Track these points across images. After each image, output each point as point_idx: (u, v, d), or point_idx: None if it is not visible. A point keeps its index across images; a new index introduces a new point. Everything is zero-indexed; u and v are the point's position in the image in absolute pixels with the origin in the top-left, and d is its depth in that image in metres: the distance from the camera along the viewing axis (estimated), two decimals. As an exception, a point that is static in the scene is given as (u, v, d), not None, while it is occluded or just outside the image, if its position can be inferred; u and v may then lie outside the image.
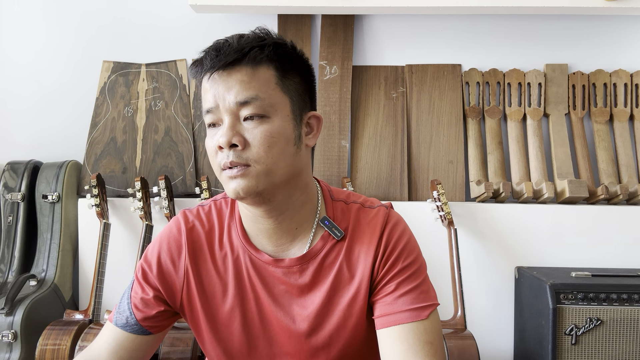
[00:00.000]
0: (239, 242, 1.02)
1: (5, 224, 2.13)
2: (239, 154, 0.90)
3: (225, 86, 0.91)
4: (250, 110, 0.90)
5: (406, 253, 1.00)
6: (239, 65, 0.91)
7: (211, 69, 0.91)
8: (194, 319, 1.05)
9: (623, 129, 2.24)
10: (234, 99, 0.90)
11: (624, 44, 2.31)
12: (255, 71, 0.91)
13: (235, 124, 0.91)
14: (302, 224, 1.01)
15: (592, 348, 1.79)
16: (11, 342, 1.84)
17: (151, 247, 1.07)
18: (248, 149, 0.90)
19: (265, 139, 0.90)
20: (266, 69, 0.92)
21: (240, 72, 0.91)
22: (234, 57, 0.90)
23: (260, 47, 0.92)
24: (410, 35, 2.33)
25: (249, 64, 0.91)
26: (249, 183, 0.91)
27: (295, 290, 1.00)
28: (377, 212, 1.03)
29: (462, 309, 1.87)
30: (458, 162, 2.23)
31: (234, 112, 0.91)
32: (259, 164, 0.91)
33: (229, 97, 0.90)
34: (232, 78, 0.90)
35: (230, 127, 0.90)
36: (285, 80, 0.94)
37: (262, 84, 0.91)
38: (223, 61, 0.90)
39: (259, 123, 0.91)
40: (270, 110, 0.91)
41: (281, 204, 0.97)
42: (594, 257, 2.08)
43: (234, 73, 0.91)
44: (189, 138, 2.23)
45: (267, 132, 0.91)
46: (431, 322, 0.96)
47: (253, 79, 0.91)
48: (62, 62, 2.35)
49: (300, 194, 0.99)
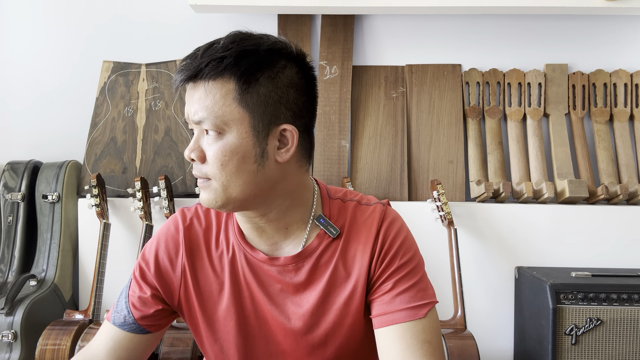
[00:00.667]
0: (235, 240, 1.02)
1: (5, 224, 2.13)
2: (199, 168, 0.92)
3: (190, 100, 0.92)
4: (206, 126, 0.90)
5: (403, 251, 0.99)
6: (199, 80, 0.90)
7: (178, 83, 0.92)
8: (191, 318, 1.05)
9: (623, 129, 2.24)
10: (192, 116, 0.92)
11: (624, 44, 2.30)
12: (211, 87, 0.89)
13: (199, 138, 0.92)
14: (291, 225, 1.00)
15: (592, 348, 1.78)
16: (11, 342, 1.84)
17: (149, 246, 1.07)
18: (206, 163, 0.92)
19: (218, 156, 0.90)
20: (225, 82, 0.89)
21: (199, 88, 0.91)
22: (191, 73, 0.90)
23: (219, 59, 0.88)
24: (410, 35, 2.33)
25: (206, 79, 0.90)
26: (209, 196, 0.92)
27: (290, 288, 1.00)
28: (374, 210, 1.03)
29: (462, 309, 1.87)
30: (458, 162, 2.23)
31: (197, 126, 0.92)
32: (215, 179, 0.91)
33: (191, 112, 0.92)
34: (195, 94, 0.91)
35: (194, 141, 0.92)
36: (246, 93, 0.89)
37: (217, 100, 0.89)
38: (184, 75, 0.90)
39: (214, 139, 0.90)
40: (224, 127, 0.89)
41: (260, 209, 0.96)
42: (594, 257, 2.08)
43: (196, 88, 0.91)
44: (189, 138, 2.23)
45: (219, 149, 0.90)
46: (429, 321, 0.95)
47: (207, 96, 0.89)
48: (62, 62, 2.35)
49: (283, 201, 0.97)
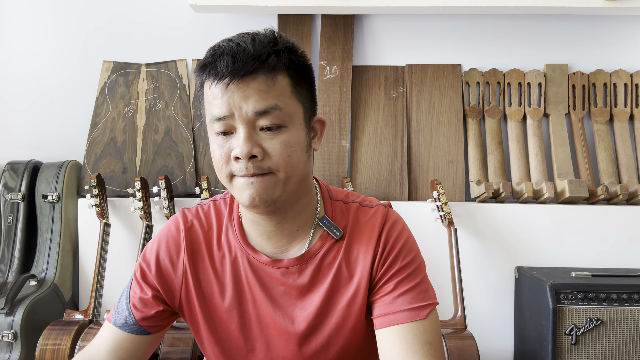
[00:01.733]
0: (237, 243, 1.02)
1: (5, 224, 2.13)
2: (259, 165, 0.89)
3: (242, 95, 0.87)
4: (269, 120, 0.88)
5: (405, 252, 1.00)
6: (257, 74, 0.87)
7: (227, 77, 0.87)
8: (192, 319, 1.05)
9: (623, 129, 2.24)
10: (252, 109, 0.87)
11: (624, 44, 2.30)
12: (273, 80, 0.88)
13: (252, 134, 0.88)
14: (302, 226, 1.01)
15: (592, 348, 1.78)
16: (11, 342, 1.84)
17: (150, 246, 1.06)
18: (267, 158, 0.89)
19: (285, 148, 0.89)
20: (282, 77, 0.89)
21: (257, 80, 0.87)
22: (252, 66, 0.86)
23: (276, 53, 0.88)
24: (410, 35, 2.33)
25: (266, 72, 0.87)
26: (268, 191, 0.90)
27: (294, 290, 1.00)
28: (376, 211, 1.03)
29: (462, 309, 1.87)
30: (458, 162, 2.23)
31: (251, 121, 0.88)
32: (280, 172, 0.89)
33: (247, 106, 0.87)
34: (249, 87, 0.87)
35: (248, 138, 0.87)
36: (298, 88, 0.92)
37: (280, 93, 0.89)
38: (242, 70, 0.86)
39: (277, 133, 0.89)
40: (287, 119, 0.89)
41: (287, 209, 0.96)
42: (593, 257, 2.08)
43: (251, 81, 0.87)
44: (189, 138, 2.23)
45: (286, 142, 0.89)
46: (430, 322, 0.95)
47: (271, 88, 0.88)
48: (62, 62, 2.35)
49: (304, 197, 0.99)
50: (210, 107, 0.90)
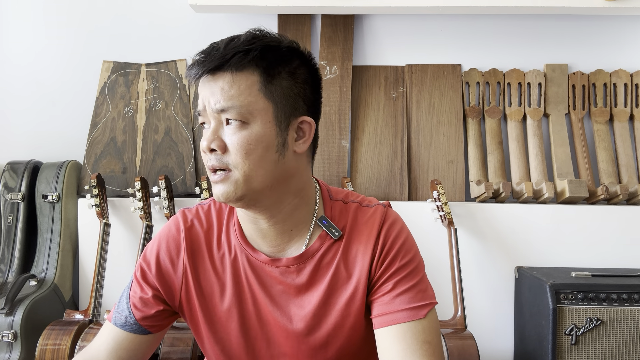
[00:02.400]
0: (237, 242, 1.02)
1: (5, 224, 2.13)
2: (219, 158, 0.92)
3: (210, 91, 0.92)
4: (229, 115, 0.91)
5: (403, 252, 1.00)
6: (222, 71, 0.91)
7: (199, 74, 0.92)
8: (192, 319, 1.05)
9: (623, 129, 2.24)
10: (213, 105, 0.91)
11: (624, 44, 2.30)
12: (236, 77, 0.91)
13: (217, 129, 0.92)
14: (297, 226, 1.01)
15: (592, 348, 1.78)
16: (11, 342, 1.84)
17: (150, 246, 1.07)
18: (227, 153, 0.92)
19: (242, 145, 0.91)
20: (250, 74, 0.91)
21: (223, 78, 0.91)
22: (216, 64, 0.91)
23: (245, 52, 0.91)
24: (410, 35, 2.33)
25: (231, 70, 0.91)
26: (228, 189, 0.92)
27: (292, 290, 1.00)
28: (375, 211, 1.03)
29: (462, 309, 1.87)
30: (458, 162, 2.23)
31: (217, 116, 0.92)
32: (237, 169, 0.91)
33: (211, 102, 0.92)
34: (215, 83, 0.91)
35: (212, 132, 0.92)
36: (270, 85, 0.92)
37: (242, 90, 0.91)
38: (207, 67, 0.91)
39: (237, 129, 0.91)
40: (249, 117, 0.91)
41: (271, 208, 0.96)
42: (593, 257, 2.08)
43: (218, 79, 0.91)
44: (189, 138, 2.23)
45: (244, 138, 0.91)
46: (429, 321, 0.96)
47: (233, 86, 0.91)
48: (62, 62, 2.35)
49: (293, 198, 0.99)
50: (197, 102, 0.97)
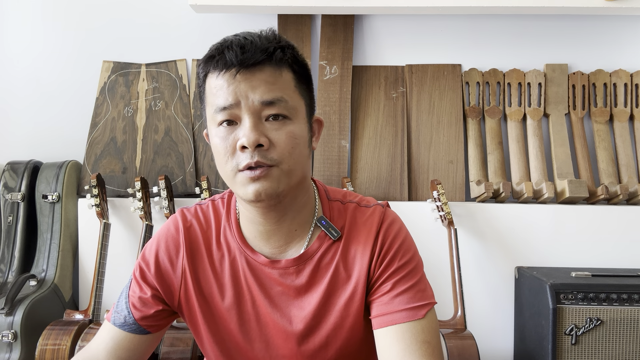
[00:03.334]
0: (236, 243, 1.02)
1: (5, 224, 2.13)
2: (264, 154, 0.89)
3: (249, 85, 0.89)
4: (274, 110, 0.90)
5: (402, 252, 1.00)
6: (264, 66, 0.90)
7: (235, 66, 0.89)
8: (192, 319, 1.05)
9: (623, 129, 2.24)
10: (259, 98, 0.89)
11: (624, 44, 2.30)
12: (279, 73, 0.91)
13: (258, 124, 0.90)
14: (301, 226, 1.01)
15: (592, 348, 1.78)
16: (11, 342, 1.84)
17: (149, 246, 1.06)
18: (273, 149, 0.90)
19: (290, 139, 0.91)
20: (287, 72, 0.93)
21: (264, 72, 0.90)
22: (261, 57, 0.89)
23: (281, 49, 0.92)
24: (410, 35, 2.33)
25: (273, 65, 0.90)
26: (272, 184, 0.90)
27: (291, 291, 1.00)
28: (373, 211, 1.03)
29: (462, 309, 1.87)
30: (458, 162, 2.23)
31: (257, 111, 0.89)
32: (282, 164, 0.90)
33: (254, 96, 0.89)
34: (256, 77, 0.89)
35: (254, 127, 0.89)
36: (300, 84, 0.95)
37: (285, 86, 0.91)
38: (251, 60, 0.89)
39: (282, 124, 0.91)
40: (292, 112, 0.92)
41: (287, 206, 0.97)
42: (594, 257, 2.08)
43: (258, 73, 0.89)
44: (189, 138, 2.23)
45: (290, 133, 0.91)
46: (428, 321, 0.95)
47: (278, 80, 0.91)
48: (62, 62, 2.35)
49: (303, 196, 1.00)
50: (214, 98, 0.91)
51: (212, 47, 0.93)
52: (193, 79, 2.30)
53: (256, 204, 0.93)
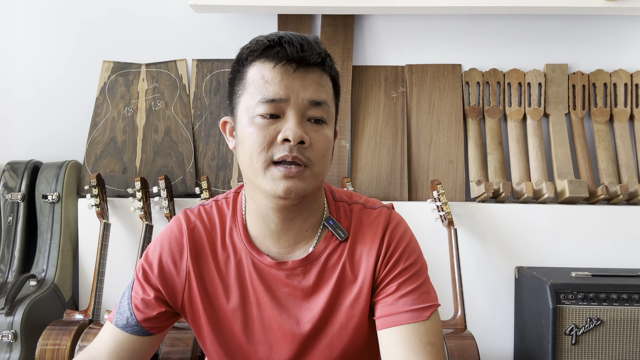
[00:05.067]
0: (242, 245, 1.02)
1: (5, 224, 2.13)
2: (303, 152, 0.90)
3: (302, 82, 0.91)
4: (319, 112, 0.92)
5: (407, 254, 1.00)
6: (317, 68, 0.93)
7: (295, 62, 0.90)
8: (195, 320, 1.04)
9: (623, 129, 2.25)
10: (309, 97, 0.91)
11: (624, 44, 2.31)
12: (326, 78, 0.95)
13: (302, 122, 0.91)
14: (312, 226, 1.01)
15: (592, 348, 1.79)
16: (11, 342, 1.84)
17: (152, 247, 1.06)
18: (310, 149, 0.92)
19: (325, 143, 0.94)
20: (329, 79, 0.96)
21: (316, 73, 0.93)
22: (317, 59, 0.92)
23: (328, 56, 0.95)
24: (410, 35, 2.33)
25: (322, 69, 0.94)
26: (303, 184, 0.91)
27: (298, 292, 1.00)
28: (379, 213, 1.03)
29: (462, 309, 1.87)
30: (458, 162, 2.23)
31: (304, 109, 0.91)
32: (315, 166, 0.92)
33: (305, 94, 0.91)
34: (309, 77, 0.92)
35: (298, 123, 0.90)
36: (335, 93, 0.99)
37: (328, 91, 0.95)
38: (310, 59, 0.91)
39: (321, 127, 0.93)
40: (329, 117, 0.95)
41: (303, 207, 0.98)
42: (594, 257, 2.09)
43: (312, 73, 0.92)
44: (189, 138, 2.23)
45: (326, 137, 0.94)
46: (432, 323, 0.96)
47: (325, 84, 0.94)
48: (62, 61, 2.35)
49: (320, 196, 1.02)
50: (262, 89, 0.91)
51: (262, 40, 0.93)
52: (193, 79, 2.29)
53: (282, 200, 0.93)
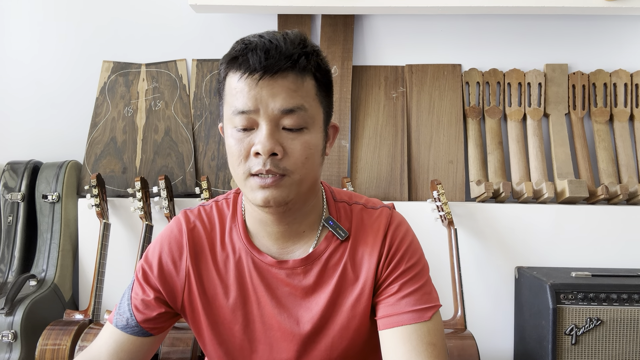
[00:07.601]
0: (241, 244, 1.02)
1: (5, 224, 2.13)
2: (277, 163, 0.88)
3: (270, 91, 0.87)
4: (293, 120, 0.88)
5: (409, 254, 1.00)
6: (287, 73, 0.88)
7: (259, 72, 0.87)
8: (195, 320, 1.04)
9: (623, 129, 2.25)
10: (279, 107, 0.87)
11: (624, 44, 2.31)
12: (301, 81, 0.89)
13: (275, 132, 0.88)
14: (310, 226, 1.01)
15: (592, 348, 1.79)
16: (11, 342, 1.84)
17: (152, 248, 1.06)
18: (286, 158, 0.89)
19: (305, 149, 0.90)
20: (309, 79, 0.90)
21: (287, 79, 0.88)
22: (285, 65, 0.87)
23: (306, 55, 0.89)
24: (410, 35, 2.33)
25: (296, 72, 0.88)
26: (282, 193, 0.90)
27: (299, 291, 1.00)
28: (380, 213, 1.03)
29: (462, 309, 1.87)
30: (458, 162, 2.23)
31: (275, 119, 0.88)
32: (294, 174, 0.90)
33: (274, 104, 0.87)
34: (278, 84, 0.87)
35: (270, 135, 0.87)
36: (321, 92, 0.93)
37: (306, 94, 0.90)
38: (275, 67, 0.86)
39: (299, 134, 0.89)
40: (310, 121, 0.90)
41: (296, 210, 0.97)
42: (594, 257, 2.09)
43: (280, 79, 0.87)
44: (189, 138, 2.23)
45: (307, 143, 0.90)
46: (434, 324, 0.96)
47: (300, 88, 0.89)
48: (62, 62, 2.35)
49: (313, 199, 1.00)
50: (233, 100, 0.89)
51: (236, 47, 0.91)
52: (193, 79, 2.29)
53: (264, 209, 0.93)
